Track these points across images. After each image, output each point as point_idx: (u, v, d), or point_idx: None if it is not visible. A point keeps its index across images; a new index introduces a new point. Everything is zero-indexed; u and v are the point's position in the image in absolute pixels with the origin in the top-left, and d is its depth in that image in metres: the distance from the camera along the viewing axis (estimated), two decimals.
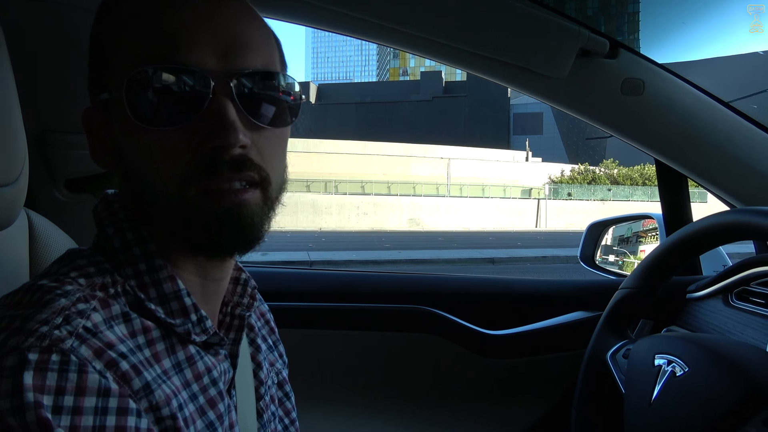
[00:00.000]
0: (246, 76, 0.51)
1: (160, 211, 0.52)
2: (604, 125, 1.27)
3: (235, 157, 0.50)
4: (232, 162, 0.50)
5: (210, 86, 0.50)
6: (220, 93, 0.50)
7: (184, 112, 0.50)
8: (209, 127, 0.50)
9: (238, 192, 0.51)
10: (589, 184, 31.40)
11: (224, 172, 0.50)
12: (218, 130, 0.49)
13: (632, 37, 52.45)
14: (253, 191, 0.52)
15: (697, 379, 0.75)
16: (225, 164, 0.50)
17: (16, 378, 0.40)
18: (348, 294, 1.40)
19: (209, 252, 0.54)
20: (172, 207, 0.51)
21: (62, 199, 1.22)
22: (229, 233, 0.51)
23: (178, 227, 0.52)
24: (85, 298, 0.47)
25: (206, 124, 0.50)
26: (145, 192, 0.53)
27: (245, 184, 0.51)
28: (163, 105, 0.50)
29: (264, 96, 0.53)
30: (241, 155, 0.51)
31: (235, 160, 0.50)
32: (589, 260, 1.74)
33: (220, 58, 0.51)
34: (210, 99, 0.50)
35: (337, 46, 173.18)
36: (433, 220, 23.81)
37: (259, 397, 0.66)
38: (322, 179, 26.76)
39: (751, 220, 0.79)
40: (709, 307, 1.19)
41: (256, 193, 0.52)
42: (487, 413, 1.36)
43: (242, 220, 0.51)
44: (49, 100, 1.08)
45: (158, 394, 0.47)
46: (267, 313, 0.78)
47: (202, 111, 0.50)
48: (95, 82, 0.56)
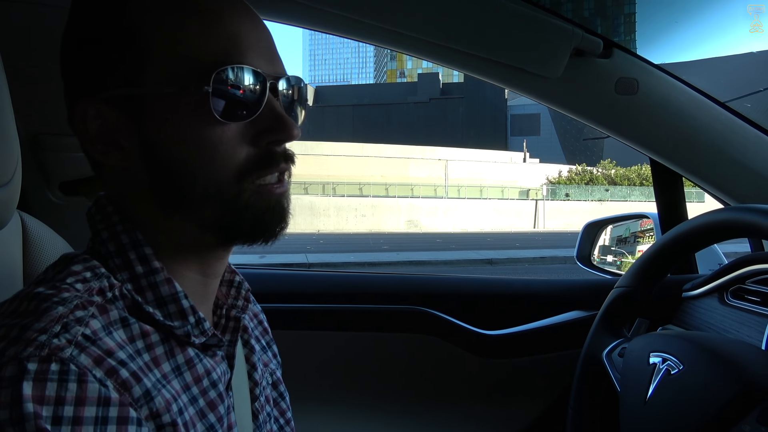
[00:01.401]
0: (286, 80, 0.57)
1: (207, 202, 0.53)
2: (598, 125, 1.28)
3: (287, 150, 0.57)
4: (285, 154, 0.56)
5: (267, 87, 0.54)
6: (272, 93, 0.55)
7: (249, 108, 0.54)
8: (266, 124, 0.54)
9: (281, 184, 0.56)
10: (587, 185, 31.47)
11: (280, 164, 0.55)
12: (277, 126, 0.55)
13: (629, 38, 52.58)
14: (288, 183, 0.58)
15: (691, 377, 0.75)
16: (280, 156, 0.56)
17: (15, 388, 0.40)
18: (344, 295, 1.40)
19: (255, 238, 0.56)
20: (225, 198, 0.53)
21: (56, 202, 1.22)
22: (274, 222, 0.56)
23: (226, 217, 0.54)
24: (83, 305, 0.47)
25: (264, 120, 0.54)
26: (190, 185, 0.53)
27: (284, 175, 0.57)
28: (236, 101, 0.53)
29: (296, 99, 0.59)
30: (290, 149, 0.57)
31: (287, 152, 0.57)
32: (586, 260, 1.75)
33: (268, 63, 0.55)
34: (268, 98, 0.54)
35: (334, 48, 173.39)
36: (431, 221, 23.83)
37: (254, 398, 0.66)
38: (320, 181, 26.75)
39: (744, 217, 0.79)
40: (705, 305, 1.19)
41: (289, 184, 0.58)
42: (483, 413, 1.36)
43: (284, 210, 0.57)
44: (44, 103, 1.08)
45: (158, 400, 0.47)
46: (260, 314, 0.78)
47: (261, 109, 0.54)
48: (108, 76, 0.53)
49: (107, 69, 0.53)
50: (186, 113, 0.52)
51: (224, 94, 0.52)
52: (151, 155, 0.53)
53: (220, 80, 0.51)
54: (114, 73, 0.53)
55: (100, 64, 0.53)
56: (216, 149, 0.53)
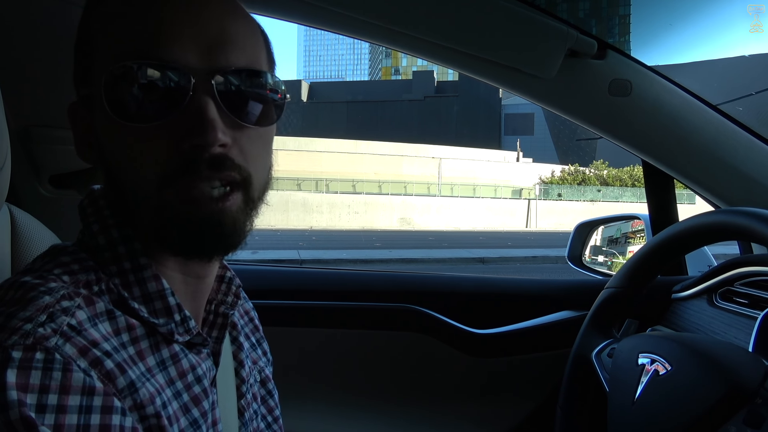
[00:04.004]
0: (228, 74, 0.51)
1: (140, 209, 0.52)
2: (591, 126, 1.28)
3: (214, 155, 0.49)
4: (211, 161, 0.49)
5: (191, 83, 0.49)
6: (201, 90, 0.49)
7: (164, 109, 0.49)
8: (188, 125, 0.49)
9: (218, 200, 0.50)
10: (579, 185, 31.57)
11: (203, 172, 0.49)
12: (197, 128, 0.48)
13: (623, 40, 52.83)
14: (234, 195, 0.51)
15: (679, 378, 0.76)
16: (204, 163, 0.49)
17: None
18: (336, 292, 1.40)
19: (188, 255, 0.53)
20: (150, 207, 0.50)
21: (46, 195, 1.21)
22: (210, 239, 0.51)
23: (156, 228, 0.51)
24: (69, 296, 0.47)
25: (186, 121, 0.49)
26: (125, 189, 0.52)
27: (226, 187, 0.50)
28: (143, 101, 0.49)
29: (247, 94, 0.52)
30: (221, 154, 0.50)
31: (214, 158, 0.49)
32: (577, 260, 1.75)
33: (203, 54, 0.50)
34: (190, 96, 0.49)
35: (329, 44, 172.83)
36: (424, 219, 23.83)
37: (240, 395, 0.66)
38: (313, 178, 26.67)
39: (734, 220, 0.79)
40: (694, 307, 1.20)
41: (237, 197, 0.51)
42: (473, 412, 1.36)
43: (224, 227, 0.50)
44: (34, 95, 1.07)
45: (142, 392, 0.47)
46: (251, 311, 0.78)
47: (182, 108, 0.49)
48: (80, 76, 0.55)
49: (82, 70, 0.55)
50: (102, 115, 0.51)
51: (121, 94, 0.49)
52: (101, 156, 0.54)
53: (114, 79, 0.49)
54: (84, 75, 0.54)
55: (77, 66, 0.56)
56: (132, 152, 0.50)
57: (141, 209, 0.51)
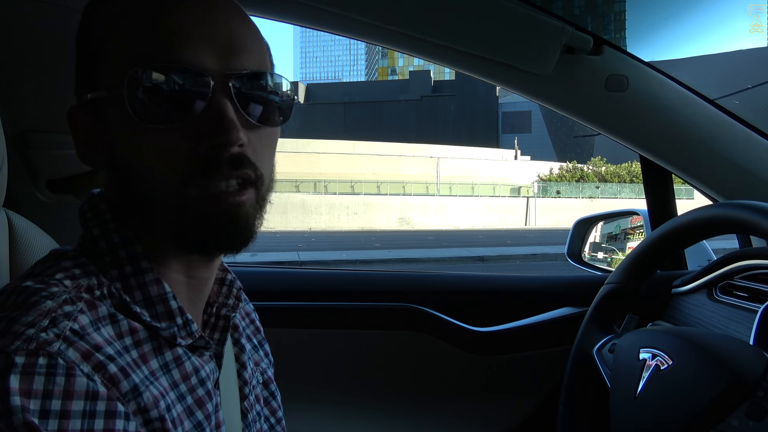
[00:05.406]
0: (243, 77, 0.52)
1: (156, 210, 0.52)
2: (588, 122, 1.28)
3: (233, 154, 0.51)
4: (231, 160, 0.51)
5: (209, 86, 0.50)
6: (219, 92, 0.51)
7: (184, 110, 0.50)
8: (209, 126, 0.50)
9: (235, 194, 0.52)
10: (578, 182, 31.62)
11: (223, 170, 0.51)
12: (218, 128, 0.50)
13: (619, 36, 52.87)
14: (248, 191, 0.53)
15: (681, 373, 0.76)
16: (224, 162, 0.51)
17: (2, 381, 0.39)
18: (336, 293, 1.40)
19: (205, 250, 0.54)
20: (170, 207, 0.51)
21: (44, 200, 1.21)
22: (227, 233, 0.52)
23: (175, 227, 0.52)
24: (71, 300, 0.47)
25: (206, 123, 0.50)
26: (141, 191, 0.52)
27: (241, 183, 0.52)
28: (165, 103, 0.50)
29: (260, 96, 0.54)
30: (240, 153, 0.51)
31: (233, 157, 0.51)
32: (576, 256, 1.75)
33: (218, 58, 0.51)
34: (210, 98, 0.50)
35: (325, 45, 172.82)
36: (422, 219, 23.85)
37: (243, 397, 0.66)
38: (312, 179, 26.67)
39: (733, 213, 0.79)
40: (694, 301, 1.20)
41: (251, 193, 0.53)
42: (474, 410, 1.36)
43: (239, 221, 0.52)
44: (31, 100, 1.07)
45: (146, 396, 0.47)
46: (252, 313, 0.78)
47: (202, 110, 0.50)
48: (83, 81, 0.55)
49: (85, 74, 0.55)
50: (119, 118, 0.52)
51: (143, 96, 0.49)
52: (111, 159, 0.54)
53: (136, 82, 0.49)
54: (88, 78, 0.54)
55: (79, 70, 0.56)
56: (151, 154, 0.51)
57: (157, 210, 0.52)
